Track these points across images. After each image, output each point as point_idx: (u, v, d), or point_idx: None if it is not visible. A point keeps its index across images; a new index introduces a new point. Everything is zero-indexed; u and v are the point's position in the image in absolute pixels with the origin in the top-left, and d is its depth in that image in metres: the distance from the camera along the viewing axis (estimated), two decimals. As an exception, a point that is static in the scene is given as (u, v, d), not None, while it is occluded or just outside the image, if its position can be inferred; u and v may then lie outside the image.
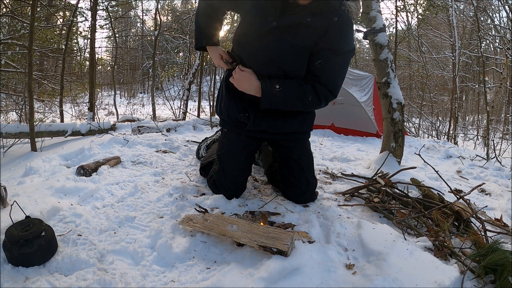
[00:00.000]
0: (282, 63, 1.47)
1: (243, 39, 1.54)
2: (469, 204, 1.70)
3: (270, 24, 1.41)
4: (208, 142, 2.37)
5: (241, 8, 1.54)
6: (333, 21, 1.39)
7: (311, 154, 1.79)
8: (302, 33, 1.42)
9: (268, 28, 1.42)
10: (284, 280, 1.08)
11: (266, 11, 1.42)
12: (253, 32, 1.48)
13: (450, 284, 1.07)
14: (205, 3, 1.61)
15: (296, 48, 1.44)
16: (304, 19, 1.39)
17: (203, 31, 1.61)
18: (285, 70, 1.48)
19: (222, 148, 1.74)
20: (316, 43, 1.43)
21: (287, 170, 1.75)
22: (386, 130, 2.64)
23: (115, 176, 1.97)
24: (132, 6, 11.52)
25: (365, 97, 4.90)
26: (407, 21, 10.34)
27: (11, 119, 6.11)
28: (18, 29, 5.13)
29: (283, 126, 1.63)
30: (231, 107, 1.65)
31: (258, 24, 1.45)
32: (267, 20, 1.42)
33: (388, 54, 2.56)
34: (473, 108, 12.55)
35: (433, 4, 7.30)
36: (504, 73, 7.95)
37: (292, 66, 1.48)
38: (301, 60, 1.47)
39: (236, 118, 1.65)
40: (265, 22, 1.42)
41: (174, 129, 3.90)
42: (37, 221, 1.23)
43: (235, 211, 1.58)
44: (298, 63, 1.48)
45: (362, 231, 1.37)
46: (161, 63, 15.36)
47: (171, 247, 1.24)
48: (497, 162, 3.52)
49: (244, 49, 1.54)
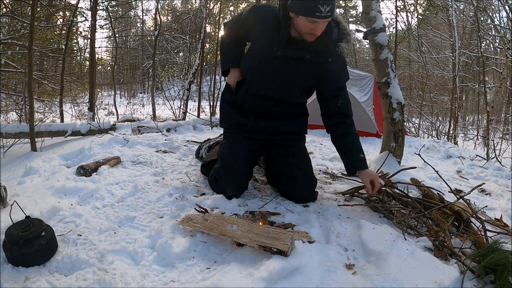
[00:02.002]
0: (280, 87, 1.73)
1: (250, 64, 1.76)
2: (469, 204, 1.70)
3: (275, 53, 1.64)
4: (211, 143, 2.38)
5: (252, 38, 1.75)
6: (327, 61, 1.66)
7: (308, 154, 1.92)
8: (301, 66, 1.67)
9: (272, 56, 1.65)
10: (284, 280, 1.09)
11: (272, 42, 1.64)
12: (259, 58, 1.71)
13: (450, 284, 1.07)
14: (228, 37, 1.87)
15: (295, 77, 1.70)
16: (304, 55, 1.63)
17: (230, 56, 1.85)
18: (282, 94, 1.75)
19: (225, 148, 1.83)
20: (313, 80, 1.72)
21: (286, 170, 1.76)
22: (386, 130, 2.64)
23: (115, 176, 1.97)
24: (132, 6, 11.52)
25: (365, 97, 4.90)
26: (407, 21, 10.33)
27: (11, 119, 6.11)
28: (18, 29, 5.13)
29: (280, 126, 1.80)
30: (232, 115, 1.84)
31: (264, 52, 1.67)
32: (272, 50, 1.64)
33: (388, 54, 2.56)
34: (473, 108, 12.54)
35: (433, 4, 7.29)
36: (504, 73, 7.95)
37: (288, 91, 1.75)
38: (297, 88, 1.74)
39: (236, 122, 1.82)
40: (271, 51, 1.65)
41: (174, 129, 3.90)
42: (37, 221, 1.23)
43: (235, 211, 1.58)
44: (294, 90, 1.74)
45: (362, 231, 1.37)
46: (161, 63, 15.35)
47: (171, 247, 1.24)
48: (497, 162, 3.52)
49: (250, 72, 1.77)
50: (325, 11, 1.45)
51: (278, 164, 1.82)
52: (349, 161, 1.73)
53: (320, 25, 1.51)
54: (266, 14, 1.67)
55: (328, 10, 1.46)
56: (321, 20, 1.49)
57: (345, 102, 1.78)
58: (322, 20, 1.49)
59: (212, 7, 8.34)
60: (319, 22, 1.50)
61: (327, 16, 1.48)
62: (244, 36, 1.82)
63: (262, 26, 1.67)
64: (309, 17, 1.49)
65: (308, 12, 1.47)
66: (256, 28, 1.70)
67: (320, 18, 1.48)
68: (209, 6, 7.69)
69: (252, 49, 1.77)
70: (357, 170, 1.69)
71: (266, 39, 1.66)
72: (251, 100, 1.79)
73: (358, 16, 17.92)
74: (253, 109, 1.80)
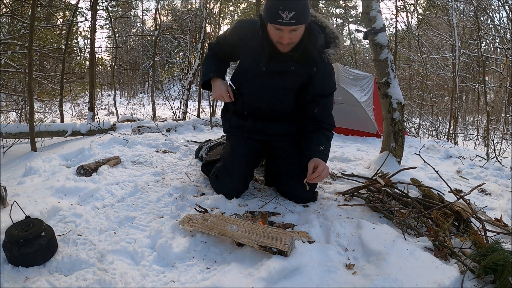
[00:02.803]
0: (272, 99, 1.76)
1: (241, 79, 1.79)
2: (469, 204, 1.70)
3: (260, 69, 1.66)
4: (212, 144, 2.38)
5: (239, 54, 1.76)
6: (313, 71, 1.65)
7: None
8: (288, 78, 1.68)
9: (259, 72, 1.67)
10: (284, 280, 1.08)
11: (258, 57, 1.65)
12: (248, 75, 1.73)
13: (450, 284, 1.07)
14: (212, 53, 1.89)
15: (284, 90, 1.73)
16: (288, 68, 1.64)
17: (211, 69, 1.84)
18: (274, 105, 1.78)
19: (226, 147, 1.87)
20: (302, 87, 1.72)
21: (286, 170, 1.77)
22: (386, 130, 2.64)
23: (115, 176, 1.97)
24: (132, 6, 11.52)
25: (365, 97, 4.89)
26: (407, 21, 10.33)
27: (11, 119, 6.11)
28: (18, 29, 5.13)
29: (278, 128, 1.83)
30: (232, 118, 1.89)
31: (251, 69, 1.70)
32: (258, 66, 1.66)
33: (388, 54, 2.56)
34: (473, 108, 12.54)
35: (433, 4, 7.30)
36: (504, 73, 7.95)
37: (281, 102, 1.78)
38: (287, 99, 1.76)
39: (236, 124, 1.87)
40: (257, 67, 1.66)
41: (174, 129, 3.90)
42: (37, 221, 1.23)
43: (235, 211, 1.58)
44: (286, 101, 1.77)
45: (362, 231, 1.37)
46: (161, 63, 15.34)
47: (171, 247, 1.24)
48: (497, 162, 3.52)
49: (242, 86, 1.81)
50: (287, 17, 1.40)
51: (278, 165, 1.82)
52: (306, 149, 1.70)
53: (286, 33, 1.46)
54: (250, 28, 1.65)
55: (291, 16, 1.40)
56: (285, 28, 1.44)
57: (322, 111, 1.74)
58: (286, 27, 1.43)
59: (212, 7, 8.34)
60: (283, 30, 1.45)
61: (291, 24, 1.42)
62: (231, 53, 1.82)
63: (247, 41, 1.67)
64: (273, 24, 1.46)
65: (271, 19, 1.44)
66: (242, 44, 1.70)
67: (282, 25, 1.43)
68: (209, 6, 7.69)
69: (241, 66, 1.78)
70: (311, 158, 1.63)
71: (252, 55, 1.66)
72: (250, 108, 1.82)
73: (358, 16, 17.91)
74: (252, 114, 1.82)
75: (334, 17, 20.17)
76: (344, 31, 20.69)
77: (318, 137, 1.71)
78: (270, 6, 1.45)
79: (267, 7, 1.48)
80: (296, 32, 1.50)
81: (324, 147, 1.67)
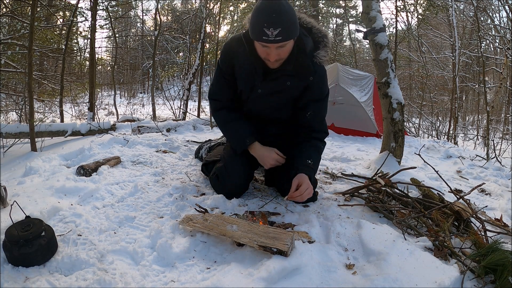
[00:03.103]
0: (269, 115, 1.77)
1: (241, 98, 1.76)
2: (469, 204, 1.70)
3: (256, 92, 1.65)
4: (212, 144, 2.38)
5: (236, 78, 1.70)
6: (309, 80, 1.60)
7: None
8: (285, 94, 1.66)
9: (255, 95, 1.67)
10: (284, 280, 1.08)
11: (252, 77, 1.62)
12: (244, 95, 1.72)
13: (450, 284, 1.07)
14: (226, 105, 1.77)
15: (281, 105, 1.72)
16: (284, 84, 1.61)
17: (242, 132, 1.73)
18: (274, 118, 1.79)
19: (226, 148, 1.88)
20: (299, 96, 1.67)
21: (286, 170, 1.76)
22: (386, 130, 2.64)
23: (115, 176, 1.97)
24: (132, 6, 11.52)
25: (365, 97, 4.90)
26: (407, 21, 10.33)
27: (11, 119, 6.11)
28: (18, 29, 5.13)
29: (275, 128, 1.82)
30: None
31: (247, 90, 1.68)
32: (253, 86, 1.64)
33: (388, 54, 2.56)
34: (473, 108, 12.54)
35: (433, 4, 7.30)
36: (504, 73, 7.95)
37: (279, 115, 1.77)
38: (286, 110, 1.75)
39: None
40: (253, 88, 1.65)
41: (174, 129, 3.90)
42: (37, 221, 1.23)
43: (235, 211, 1.58)
44: (283, 113, 1.76)
45: (362, 231, 1.37)
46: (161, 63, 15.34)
47: (171, 247, 1.24)
48: (497, 162, 3.52)
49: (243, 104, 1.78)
50: (273, 34, 1.34)
51: (278, 166, 1.82)
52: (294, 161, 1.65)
53: (273, 49, 1.41)
54: (240, 46, 1.58)
55: (277, 33, 1.34)
56: (271, 45, 1.38)
57: (314, 115, 1.68)
58: (272, 44, 1.38)
59: (212, 7, 8.34)
60: (270, 47, 1.40)
61: (277, 41, 1.36)
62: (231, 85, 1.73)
63: (239, 60, 1.62)
64: (259, 42, 1.40)
65: (256, 37, 1.39)
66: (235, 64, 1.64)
67: (268, 43, 1.37)
68: (209, 6, 7.69)
69: (239, 84, 1.71)
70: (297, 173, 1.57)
71: (246, 75, 1.63)
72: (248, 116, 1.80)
73: (358, 16, 17.90)
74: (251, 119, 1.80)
75: (334, 17, 20.17)
76: (344, 31, 20.71)
77: (308, 149, 1.65)
78: (254, 23, 1.39)
79: (251, 23, 1.41)
80: (284, 48, 1.43)
81: (312, 160, 1.62)
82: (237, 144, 1.73)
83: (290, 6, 1.39)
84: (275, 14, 1.34)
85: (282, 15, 1.35)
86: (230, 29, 10.99)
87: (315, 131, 1.70)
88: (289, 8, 1.38)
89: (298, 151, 1.67)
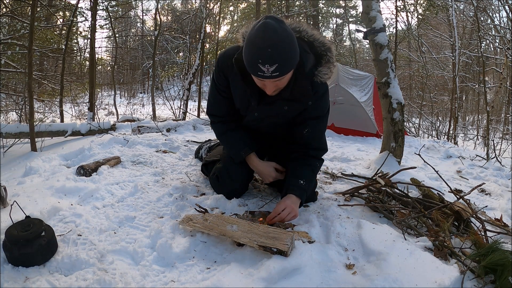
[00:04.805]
0: (268, 131, 1.74)
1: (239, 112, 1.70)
2: (469, 204, 1.70)
3: (253, 115, 1.60)
4: (212, 144, 2.38)
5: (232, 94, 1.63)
6: (307, 105, 1.52)
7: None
8: (282, 117, 1.59)
9: (252, 118, 1.63)
10: (284, 280, 1.08)
11: (247, 100, 1.56)
12: (243, 112, 1.66)
13: (450, 284, 1.07)
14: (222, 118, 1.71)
15: (277, 125, 1.67)
16: (281, 108, 1.53)
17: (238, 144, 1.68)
18: (273, 135, 1.76)
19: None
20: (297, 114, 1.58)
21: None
22: (386, 130, 2.64)
23: (115, 176, 1.97)
24: (132, 6, 11.53)
25: (365, 97, 4.90)
26: (407, 21, 10.33)
27: (11, 119, 6.11)
28: (18, 29, 5.13)
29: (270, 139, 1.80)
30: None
31: (244, 111, 1.63)
32: (250, 110, 1.59)
33: (388, 54, 2.56)
34: (473, 108, 12.55)
35: (433, 4, 7.31)
36: (504, 73, 7.96)
37: (278, 133, 1.74)
38: (284, 128, 1.68)
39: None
40: (250, 112, 1.60)
41: (174, 129, 3.90)
42: (37, 221, 1.23)
43: (235, 211, 1.58)
44: (282, 131, 1.71)
45: (362, 231, 1.37)
46: (161, 63, 15.35)
47: (171, 247, 1.24)
48: (497, 162, 3.52)
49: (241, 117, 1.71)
50: (269, 71, 1.23)
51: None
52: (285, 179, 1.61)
53: (269, 83, 1.31)
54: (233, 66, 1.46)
55: (273, 70, 1.22)
56: (267, 80, 1.29)
57: (312, 133, 1.59)
58: (268, 80, 1.28)
59: (212, 7, 8.34)
60: (265, 81, 1.31)
61: (274, 77, 1.25)
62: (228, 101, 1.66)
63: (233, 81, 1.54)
64: (254, 76, 1.31)
65: (251, 71, 1.29)
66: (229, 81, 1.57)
67: (264, 78, 1.27)
68: (209, 6, 7.69)
69: (235, 101, 1.64)
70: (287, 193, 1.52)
71: (241, 99, 1.58)
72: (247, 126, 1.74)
73: (358, 16, 17.91)
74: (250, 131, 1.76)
75: (334, 17, 20.18)
76: (344, 31, 20.72)
77: (301, 168, 1.58)
78: (248, 58, 1.27)
79: (245, 56, 1.29)
80: (283, 80, 1.33)
81: (305, 180, 1.53)
82: (234, 155, 1.70)
83: (287, 32, 1.25)
84: (270, 49, 1.20)
85: (279, 49, 1.22)
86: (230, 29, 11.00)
87: (312, 148, 1.63)
88: (286, 37, 1.24)
89: (292, 169, 1.60)
